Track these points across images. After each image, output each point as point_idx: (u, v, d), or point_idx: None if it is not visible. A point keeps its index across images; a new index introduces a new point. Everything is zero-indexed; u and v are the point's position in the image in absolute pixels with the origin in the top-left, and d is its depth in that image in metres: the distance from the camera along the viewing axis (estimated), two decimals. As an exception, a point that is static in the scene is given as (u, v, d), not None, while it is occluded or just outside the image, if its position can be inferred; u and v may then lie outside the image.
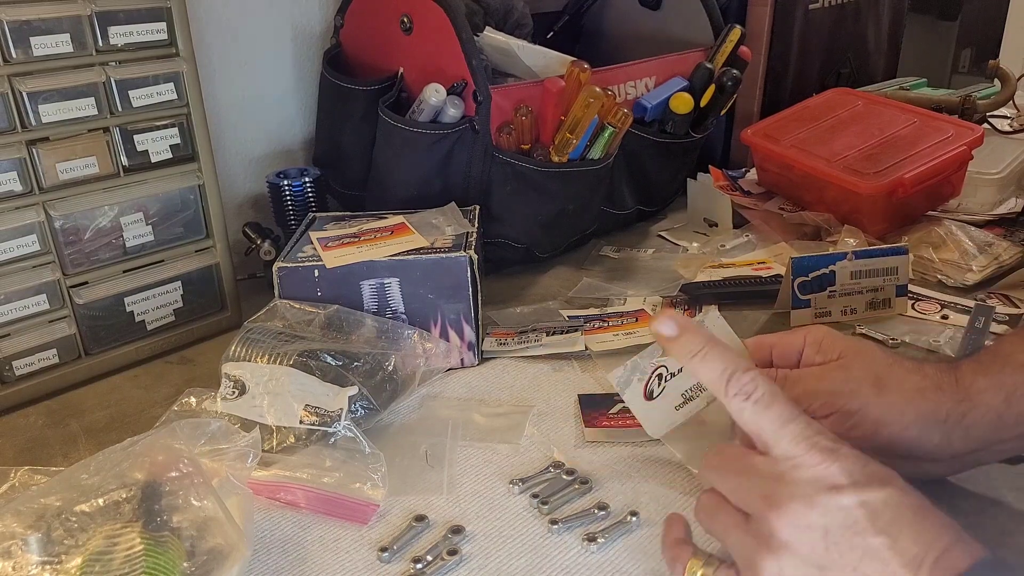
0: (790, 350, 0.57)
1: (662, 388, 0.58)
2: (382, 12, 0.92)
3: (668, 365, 0.58)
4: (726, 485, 0.47)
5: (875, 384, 0.52)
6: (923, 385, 0.52)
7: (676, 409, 0.58)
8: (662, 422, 0.58)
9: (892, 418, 0.51)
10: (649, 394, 0.58)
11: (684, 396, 0.58)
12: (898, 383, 0.52)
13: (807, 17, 1.22)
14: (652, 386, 0.58)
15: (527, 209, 0.91)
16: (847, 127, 1.00)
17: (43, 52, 0.68)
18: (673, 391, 0.58)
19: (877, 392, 0.52)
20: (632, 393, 0.58)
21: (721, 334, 0.56)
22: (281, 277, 0.72)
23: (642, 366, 0.58)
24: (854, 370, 0.53)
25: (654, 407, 0.58)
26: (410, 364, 0.69)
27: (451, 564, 0.53)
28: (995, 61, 1.17)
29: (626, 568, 0.52)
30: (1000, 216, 0.97)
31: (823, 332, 0.57)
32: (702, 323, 0.55)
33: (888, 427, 0.51)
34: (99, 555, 0.46)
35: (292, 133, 1.07)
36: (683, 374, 0.58)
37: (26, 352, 0.73)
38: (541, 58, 0.94)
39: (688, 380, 0.58)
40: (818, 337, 0.56)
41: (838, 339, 0.56)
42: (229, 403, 0.63)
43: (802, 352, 0.56)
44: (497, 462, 0.63)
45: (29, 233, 0.70)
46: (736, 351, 0.53)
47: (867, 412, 0.52)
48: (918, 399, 0.52)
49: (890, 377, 0.53)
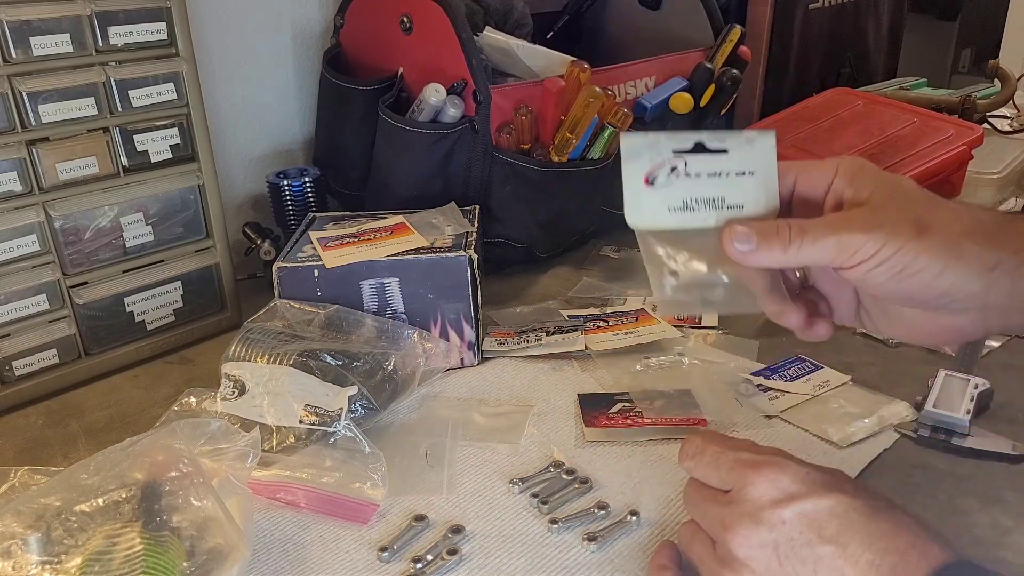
0: (818, 181, 0.49)
1: (668, 181, 0.50)
2: (382, 12, 0.92)
3: (689, 161, 0.49)
4: (695, 513, 0.49)
5: (914, 224, 0.45)
6: (973, 228, 0.45)
7: (668, 211, 0.50)
8: (646, 215, 0.50)
9: (927, 262, 0.44)
10: (651, 180, 0.50)
11: (684, 203, 0.50)
12: (943, 224, 0.45)
13: (807, 17, 1.22)
14: (659, 173, 0.50)
15: (527, 209, 0.91)
16: (847, 127, 1.00)
17: (43, 52, 0.68)
18: (677, 190, 0.50)
19: (917, 233, 0.44)
20: (635, 168, 0.50)
21: (764, 163, 0.49)
22: (281, 277, 0.72)
23: (662, 146, 0.49)
24: (890, 210, 0.46)
25: (647, 194, 0.50)
26: (410, 364, 0.69)
27: (451, 564, 0.53)
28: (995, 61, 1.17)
29: (626, 568, 0.52)
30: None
31: (858, 163, 0.49)
32: (753, 142, 0.49)
33: (920, 272, 0.44)
34: (99, 555, 0.46)
35: (292, 133, 1.07)
36: (698, 180, 0.50)
37: (26, 352, 0.73)
38: (541, 58, 0.94)
39: (699, 189, 0.50)
40: (851, 169, 0.49)
41: (874, 173, 0.49)
42: (229, 403, 0.63)
43: (831, 185, 0.49)
44: (497, 462, 0.63)
45: (29, 233, 0.70)
46: (766, 197, 0.49)
47: (900, 256, 0.44)
48: (965, 243, 0.45)
49: (933, 217, 0.45)
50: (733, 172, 0.49)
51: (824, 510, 0.43)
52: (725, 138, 0.49)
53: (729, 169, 0.50)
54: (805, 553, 0.42)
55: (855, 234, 0.44)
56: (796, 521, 0.43)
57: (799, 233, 0.45)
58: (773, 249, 0.46)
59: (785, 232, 0.46)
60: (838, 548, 0.42)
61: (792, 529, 0.43)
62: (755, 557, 0.43)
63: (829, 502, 0.44)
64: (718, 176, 0.50)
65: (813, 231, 0.45)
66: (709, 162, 0.50)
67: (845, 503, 0.43)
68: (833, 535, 0.42)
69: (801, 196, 0.50)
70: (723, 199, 0.50)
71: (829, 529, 0.43)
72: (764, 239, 0.46)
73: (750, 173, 0.49)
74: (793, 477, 0.45)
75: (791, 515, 0.43)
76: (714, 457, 0.48)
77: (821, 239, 0.45)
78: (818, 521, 0.43)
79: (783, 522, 0.43)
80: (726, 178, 0.50)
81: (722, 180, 0.50)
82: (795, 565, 0.43)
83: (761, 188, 0.49)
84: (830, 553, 0.42)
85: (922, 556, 0.41)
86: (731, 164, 0.50)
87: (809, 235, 0.45)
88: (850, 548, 0.42)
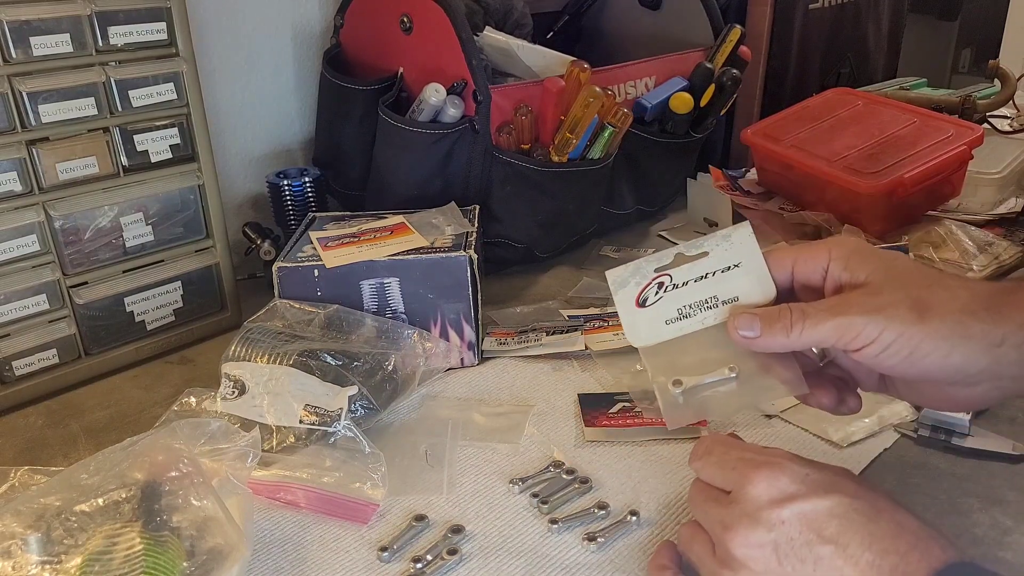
0: (813, 266, 0.50)
1: (658, 298, 0.52)
2: (382, 12, 0.92)
3: (673, 275, 0.52)
4: (697, 513, 0.49)
5: (914, 308, 0.45)
6: (973, 306, 0.45)
7: (666, 324, 0.52)
8: (646, 333, 0.53)
9: (933, 346, 0.44)
10: (642, 301, 0.53)
11: (679, 312, 0.52)
12: (942, 304, 0.45)
13: (807, 17, 1.22)
14: (648, 293, 0.53)
15: (527, 209, 0.91)
16: (847, 127, 1.00)
17: (43, 52, 0.68)
18: (669, 303, 0.52)
19: (917, 318, 0.45)
20: (625, 295, 0.53)
21: (748, 253, 0.51)
22: (281, 277, 0.72)
23: (644, 270, 0.53)
24: (887, 293, 0.46)
25: (643, 315, 0.53)
26: (410, 364, 0.69)
27: (451, 564, 0.53)
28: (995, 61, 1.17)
29: (626, 568, 0.52)
30: (1000, 216, 0.97)
31: (850, 246, 0.49)
32: (729, 237, 0.51)
33: (929, 356, 0.45)
34: (99, 555, 0.46)
35: (292, 133, 1.07)
36: (687, 288, 0.52)
37: (26, 352, 0.73)
38: (541, 58, 0.94)
39: (690, 296, 0.52)
40: (844, 252, 0.49)
41: (868, 254, 0.49)
42: (229, 403, 0.63)
43: (827, 270, 0.49)
44: (497, 462, 0.63)
45: (29, 233, 0.70)
46: (760, 285, 0.51)
47: (905, 341, 0.45)
48: (968, 321, 0.45)
49: (932, 297, 0.46)
50: (719, 270, 0.52)
51: (823, 510, 0.43)
52: (702, 243, 0.52)
53: (714, 268, 0.52)
54: (805, 553, 0.43)
55: (853, 317, 0.45)
56: (795, 521, 0.43)
57: (800, 317, 0.47)
58: (776, 334, 0.47)
59: (787, 316, 0.47)
60: (838, 548, 0.42)
61: (791, 529, 0.43)
62: (754, 557, 0.44)
63: (828, 503, 0.44)
64: (705, 278, 0.52)
65: (813, 315, 0.47)
66: (693, 268, 0.52)
67: (845, 504, 0.44)
68: (833, 535, 0.42)
69: (800, 282, 0.51)
70: (716, 297, 0.52)
71: (829, 529, 0.43)
72: (767, 324, 0.48)
73: (735, 266, 0.52)
74: (792, 477, 0.45)
75: (790, 515, 0.43)
76: (720, 457, 0.49)
77: (821, 323, 0.46)
78: (818, 521, 0.43)
79: (782, 522, 0.43)
80: (713, 278, 0.52)
81: (710, 281, 0.52)
82: (795, 565, 0.43)
83: (751, 276, 0.51)
84: (830, 553, 0.42)
85: (923, 557, 0.41)
86: (715, 263, 0.52)
87: (810, 319, 0.46)
88: (850, 548, 0.42)
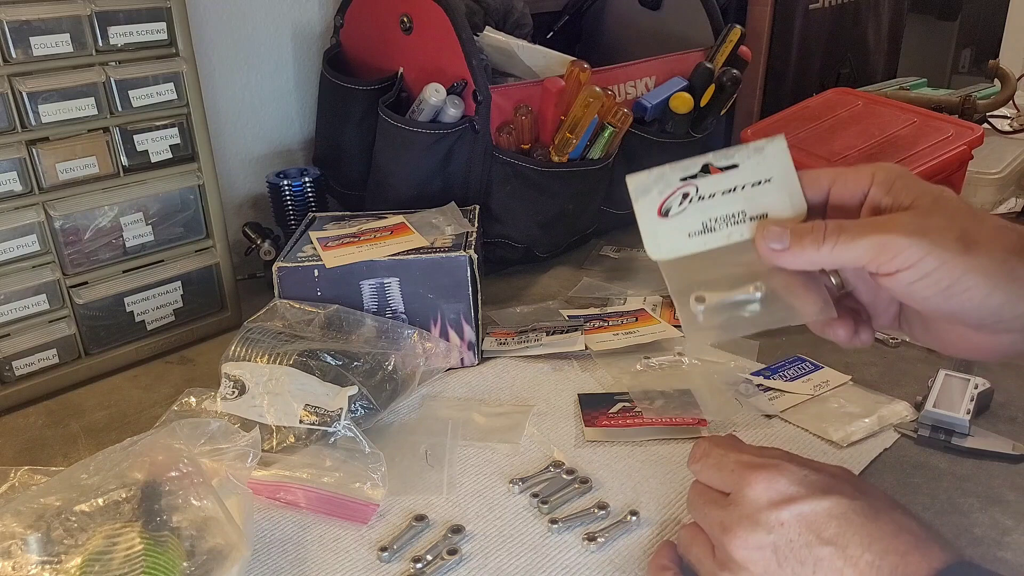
0: (853, 189, 0.47)
1: (682, 208, 0.49)
2: (382, 12, 0.92)
3: (700, 186, 0.49)
4: (696, 516, 0.49)
5: (961, 239, 0.43)
6: (1019, 246, 0.44)
7: (688, 237, 0.49)
8: (668, 245, 0.49)
9: (974, 281, 0.42)
10: (665, 211, 0.49)
11: (704, 225, 0.49)
12: (989, 240, 0.43)
13: (807, 17, 1.22)
14: (671, 203, 0.49)
15: (527, 209, 0.91)
16: (847, 127, 1.00)
17: (43, 52, 0.68)
18: (694, 215, 0.49)
19: (964, 249, 0.42)
20: (646, 203, 0.49)
21: (780, 168, 0.48)
22: (281, 277, 0.72)
23: (669, 178, 0.49)
24: (935, 218, 0.44)
25: (664, 225, 0.49)
26: (410, 364, 0.69)
27: (451, 564, 0.53)
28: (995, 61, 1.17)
29: (626, 568, 0.52)
30: (1000, 216, 0.97)
31: (896, 171, 0.47)
32: (762, 150, 0.48)
33: (968, 291, 0.43)
34: (99, 555, 0.46)
35: (292, 133, 1.07)
36: (713, 200, 0.49)
37: (26, 352, 0.73)
38: (541, 58, 0.94)
39: (717, 208, 0.49)
40: (890, 177, 0.46)
41: (914, 181, 0.46)
42: (229, 403, 0.63)
43: (867, 193, 0.47)
44: (497, 462, 0.63)
45: (29, 233, 0.70)
46: (791, 201, 0.48)
47: (946, 272, 0.42)
48: (1014, 262, 0.43)
49: (979, 232, 0.43)
50: (748, 184, 0.48)
51: (822, 511, 0.43)
52: (733, 153, 0.49)
53: (744, 182, 0.48)
54: (804, 554, 0.43)
55: (897, 236, 0.42)
56: (794, 523, 0.43)
57: (835, 231, 0.44)
58: (806, 248, 0.45)
59: (820, 230, 0.44)
60: (837, 549, 0.42)
61: (791, 531, 0.43)
62: (753, 559, 0.44)
63: (827, 503, 0.44)
64: (733, 191, 0.49)
65: (851, 230, 0.44)
66: (721, 180, 0.48)
67: (844, 504, 0.44)
68: (832, 536, 0.42)
69: (835, 204, 0.48)
70: (743, 212, 0.48)
71: (828, 530, 0.43)
72: (797, 237, 0.45)
73: (767, 181, 0.48)
74: (791, 479, 0.45)
75: (789, 517, 0.43)
76: (718, 459, 0.49)
77: (859, 238, 0.43)
78: (817, 523, 0.43)
79: (781, 524, 0.43)
80: (742, 191, 0.48)
81: (738, 194, 0.48)
82: (794, 566, 0.43)
83: (782, 192, 0.48)
84: (829, 554, 0.42)
85: (923, 557, 0.41)
86: (744, 177, 0.48)
87: (846, 234, 0.44)
88: (849, 549, 0.42)
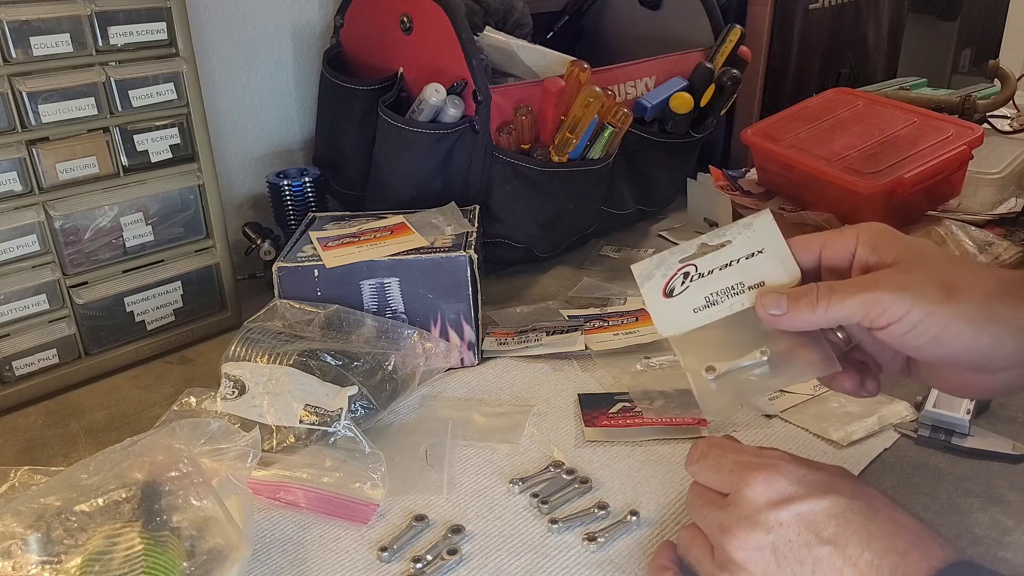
0: (841, 251, 0.50)
1: (685, 287, 0.53)
2: (382, 12, 0.92)
3: (698, 264, 0.53)
4: (696, 517, 0.49)
5: (942, 288, 0.45)
6: (1000, 291, 0.46)
7: (694, 312, 0.53)
8: (675, 322, 0.53)
9: (960, 328, 0.45)
10: (669, 291, 0.54)
11: (707, 300, 0.53)
12: (970, 287, 0.46)
13: (807, 17, 1.22)
14: (675, 283, 0.53)
15: (527, 209, 0.91)
16: (847, 127, 1.00)
17: (43, 52, 0.68)
18: (697, 292, 0.53)
19: (946, 298, 0.45)
20: (651, 287, 0.54)
21: (770, 239, 0.52)
22: (281, 277, 0.72)
23: (669, 261, 0.54)
24: (916, 271, 0.47)
25: (670, 304, 0.53)
26: (410, 364, 0.69)
27: (451, 564, 0.53)
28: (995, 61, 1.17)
29: (626, 568, 0.52)
30: (1000, 216, 0.97)
31: (877, 230, 0.50)
32: (751, 225, 0.52)
33: (956, 338, 0.45)
34: (99, 555, 0.46)
35: (292, 133, 1.07)
36: (713, 276, 0.53)
37: (26, 352, 0.73)
38: (541, 58, 0.94)
39: (716, 283, 0.53)
40: (872, 236, 0.49)
41: (895, 238, 0.49)
42: (229, 403, 0.63)
43: (854, 253, 0.50)
44: (497, 462, 0.63)
45: (29, 233, 0.70)
46: (784, 268, 0.51)
47: (932, 321, 0.45)
48: (996, 305, 0.45)
49: (960, 280, 0.46)
50: (743, 257, 0.53)
51: (821, 511, 0.43)
52: (724, 232, 0.53)
53: (738, 255, 0.53)
54: (803, 554, 0.43)
55: (882, 293, 0.45)
56: (793, 523, 0.43)
57: (827, 293, 0.47)
58: (803, 311, 0.48)
59: (813, 293, 0.48)
60: (836, 549, 0.42)
61: (790, 531, 0.43)
62: (753, 560, 0.44)
63: (826, 503, 0.44)
64: (729, 265, 0.53)
65: (840, 291, 0.47)
66: (718, 257, 0.53)
67: (843, 504, 0.44)
68: (831, 536, 0.42)
69: (828, 266, 0.51)
70: (742, 283, 0.52)
71: (827, 530, 0.43)
72: (794, 302, 0.48)
73: (759, 252, 0.52)
74: (789, 479, 0.45)
75: (788, 517, 0.44)
76: (716, 460, 0.49)
77: (848, 298, 0.46)
78: (816, 522, 0.43)
79: (780, 524, 0.43)
80: (738, 264, 0.53)
81: (735, 268, 0.53)
82: (793, 566, 0.43)
83: (775, 260, 0.52)
84: (829, 554, 0.42)
85: (923, 556, 0.41)
86: (738, 251, 0.53)
87: (837, 295, 0.47)
88: (848, 548, 0.42)
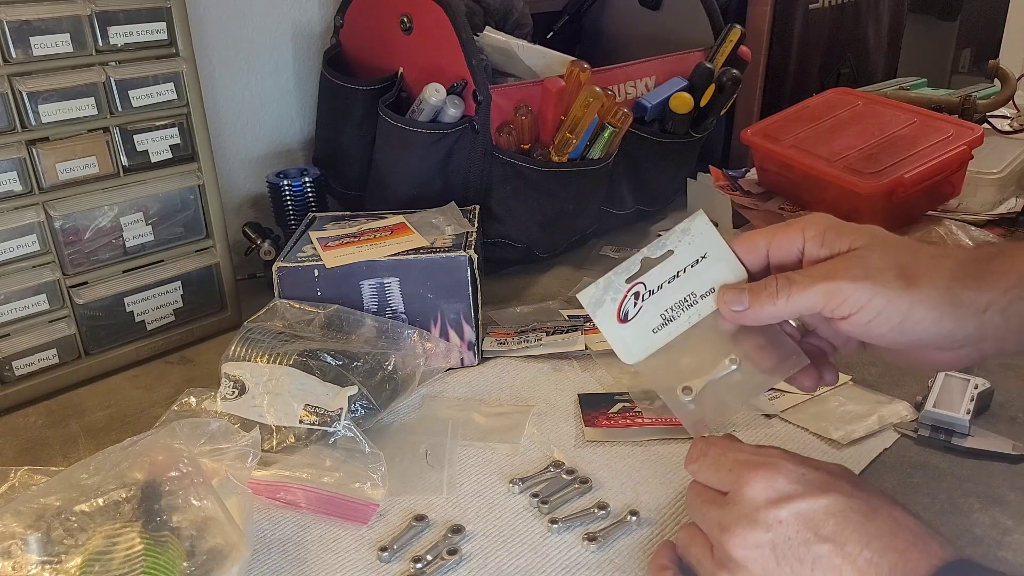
0: (788, 248, 0.50)
1: (639, 308, 0.51)
2: (382, 12, 0.92)
3: (646, 282, 0.51)
4: (695, 516, 0.49)
5: (901, 275, 0.45)
6: (959, 273, 0.46)
7: (653, 332, 0.51)
8: (637, 348, 0.52)
9: (923, 314, 0.45)
10: (624, 316, 0.51)
11: (663, 317, 0.51)
12: (929, 272, 0.46)
13: (807, 17, 1.22)
14: (627, 307, 0.51)
15: (527, 209, 0.91)
16: (847, 127, 1.00)
17: (43, 52, 0.68)
18: (651, 311, 0.51)
19: (906, 284, 0.45)
20: (604, 315, 0.51)
21: (710, 242, 0.51)
22: (281, 277, 0.72)
23: (616, 284, 0.51)
24: (873, 258, 0.46)
25: (628, 329, 0.51)
26: (410, 364, 0.69)
27: (451, 564, 0.53)
28: (995, 61, 1.17)
29: (626, 568, 0.52)
30: (1000, 216, 0.97)
31: (824, 222, 0.49)
32: (688, 231, 0.51)
33: (919, 324, 0.45)
34: (99, 555, 0.46)
35: (292, 133, 1.07)
36: (663, 292, 0.51)
37: (26, 352, 0.73)
38: (541, 58, 0.94)
39: (669, 298, 0.51)
40: (819, 229, 0.48)
41: (844, 228, 0.48)
42: (229, 403, 0.63)
43: (802, 249, 0.49)
44: (497, 462, 0.63)
45: (29, 233, 0.70)
46: (730, 269, 0.51)
47: (895, 309, 0.45)
48: (956, 288, 0.45)
49: (917, 265, 0.46)
50: (688, 265, 0.52)
51: (820, 509, 0.43)
52: (664, 242, 0.52)
53: (683, 265, 0.52)
54: (803, 552, 0.43)
55: (841, 283, 0.46)
56: (793, 521, 0.43)
57: (786, 284, 0.47)
58: (764, 303, 0.48)
59: (772, 285, 0.48)
60: (835, 547, 0.42)
61: (789, 529, 0.43)
62: (752, 558, 0.44)
63: (825, 501, 0.44)
64: (677, 277, 0.52)
65: (800, 281, 0.47)
66: (664, 270, 0.52)
67: (842, 502, 0.44)
68: (830, 534, 0.42)
69: (776, 264, 0.51)
70: (694, 294, 0.52)
71: (826, 528, 0.43)
72: (755, 295, 0.48)
73: (703, 258, 0.51)
74: (789, 477, 0.45)
75: (787, 515, 0.43)
76: (715, 459, 0.49)
77: (808, 288, 0.46)
78: (815, 520, 0.43)
79: (779, 522, 0.43)
80: (684, 275, 0.52)
81: (683, 278, 0.52)
82: (793, 565, 0.43)
83: (720, 264, 0.51)
84: (828, 552, 0.42)
85: (922, 555, 0.41)
86: (682, 260, 0.52)
87: (796, 285, 0.47)
88: (848, 547, 0.42)
